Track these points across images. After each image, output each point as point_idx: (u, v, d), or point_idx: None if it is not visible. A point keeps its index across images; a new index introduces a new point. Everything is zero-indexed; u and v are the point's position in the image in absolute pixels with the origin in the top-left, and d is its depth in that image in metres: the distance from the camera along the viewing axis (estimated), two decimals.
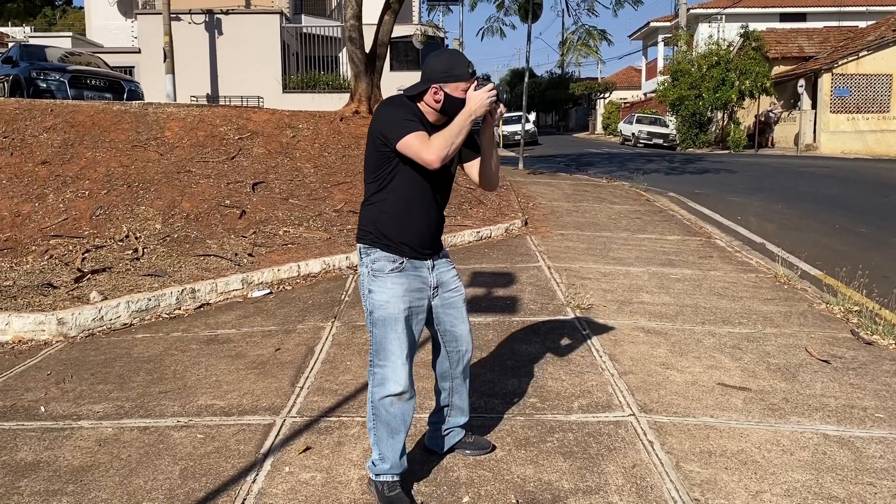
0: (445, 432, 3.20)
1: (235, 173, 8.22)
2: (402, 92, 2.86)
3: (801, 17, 37.79)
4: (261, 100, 20.08)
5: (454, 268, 3.04)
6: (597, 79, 58.82)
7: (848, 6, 36.20)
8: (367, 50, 10.95)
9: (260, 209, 7.59)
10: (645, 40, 48.46)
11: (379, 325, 2.80)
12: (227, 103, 18.85)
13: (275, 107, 12.15)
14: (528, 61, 14.50)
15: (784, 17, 37.60)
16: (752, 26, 29.69)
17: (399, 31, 14.96)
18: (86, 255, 6.27)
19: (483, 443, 3.27)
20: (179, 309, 5.53)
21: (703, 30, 34.25)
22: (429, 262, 2.89)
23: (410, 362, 2.83)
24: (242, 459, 3.22)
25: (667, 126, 31.57)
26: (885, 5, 35.11)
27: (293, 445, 3.34)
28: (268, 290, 5.96)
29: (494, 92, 2.65)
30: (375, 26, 11.26)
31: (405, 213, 2.80)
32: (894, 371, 4.39)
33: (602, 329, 4.90)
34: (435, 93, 2.72)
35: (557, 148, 26.93)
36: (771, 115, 28.27)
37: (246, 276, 5.96)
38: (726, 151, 26.42)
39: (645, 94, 48.87)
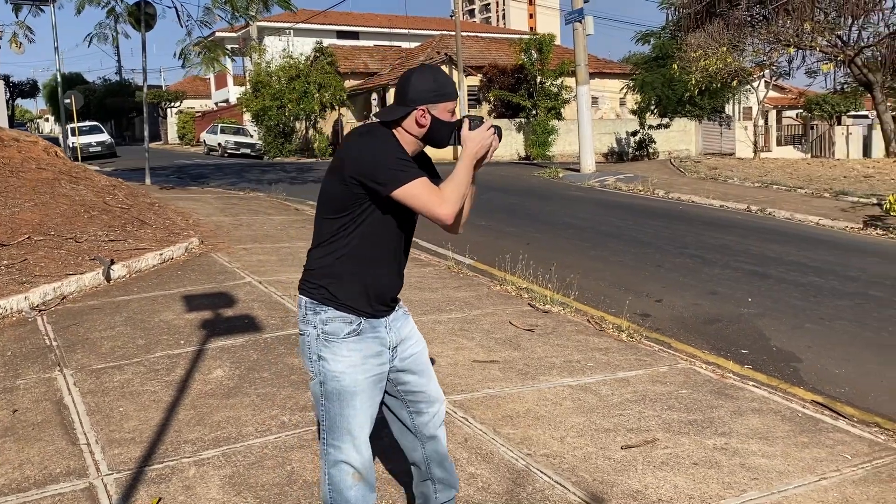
0: None
1: None
2: (375, 119, 2.48)
3: (355, 35, 41.65)
4: None
5: (411, 318, 2.64)
6: (161, 87, 56.50)
7: (395, 28, 41.21)
8: None
9: None
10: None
11: (333, 399, 2.38)
12: None
13: None
14: (144, 71, 13.59)
15: (341, 35, 40.97)
16: (314, 42, 31.74)
17: None
18: None
19: None
20: None
21: (273, 43, 35.50)
22: (385, 320, 2.47)
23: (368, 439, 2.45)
24: None
25: (252, 136, 32.12)
26: (423, 29, 40.94)
27: (139, 501, 3.04)
28: None
29: (493, 130, 2.42)
30: None
31: (371, 263, 2.40)
32: (576, 330, 5.62)
33: None
34: (422, 115, 2.37)
35: (142, 160, 25.30)
36: (339, 124, 30.53)
37: None
38: (313, 159, 27.98)
39: (216, 104, 48.67)
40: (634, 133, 28.86)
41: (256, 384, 4.28)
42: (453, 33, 29.42)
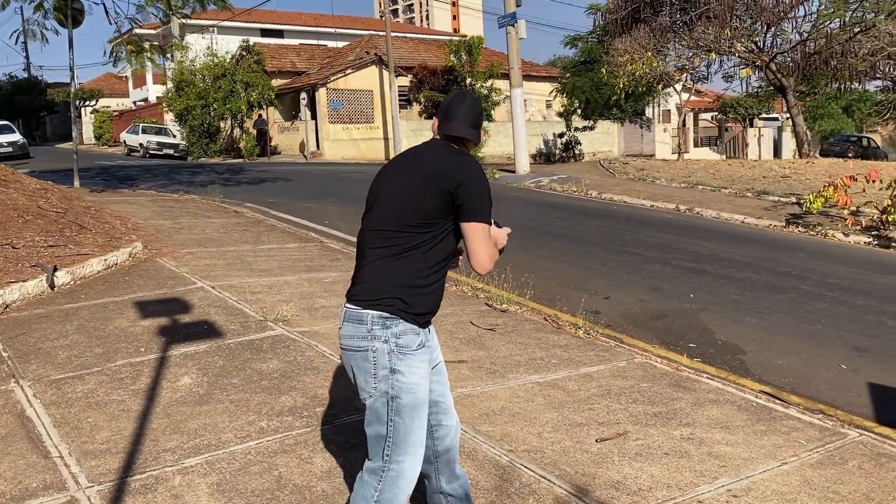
0: None
1: None
2: (459, 136, 2.57)
3: (280, 34, 40.86)
4: None
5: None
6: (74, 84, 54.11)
7: (321, 27, 40.74)
8: None
9: None
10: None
11: (406, 413, 2.36)
12: None
13: None
14: (72, 69, 13.01)
15: (265, 33, 40.08)
16: (238, 40, 31.04)
17: None
18: None
19: None
20: None
21: (196, 41, 34.58)
22: (427, 330, 2.54)
23: None
24: None
25: (175, 136, 31.21)
26: (350, 29, 40.67)
27: None
28: None
29: (507, 234, 2.70)
30: None
31: (438, 277, 2.47)
32: (535, 328, 5.77)
33: (316, 336, 5.21)
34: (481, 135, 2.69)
35: (60, 161, 24.21)
36: (261, 123, 29.85)
37: None
38: (241, 160, 27.40)
39: (135, 103, 47.00)
40: (561, 135, 29.45)
41: (227, 390, 4.23)
42: (381, 33, 29.38)
